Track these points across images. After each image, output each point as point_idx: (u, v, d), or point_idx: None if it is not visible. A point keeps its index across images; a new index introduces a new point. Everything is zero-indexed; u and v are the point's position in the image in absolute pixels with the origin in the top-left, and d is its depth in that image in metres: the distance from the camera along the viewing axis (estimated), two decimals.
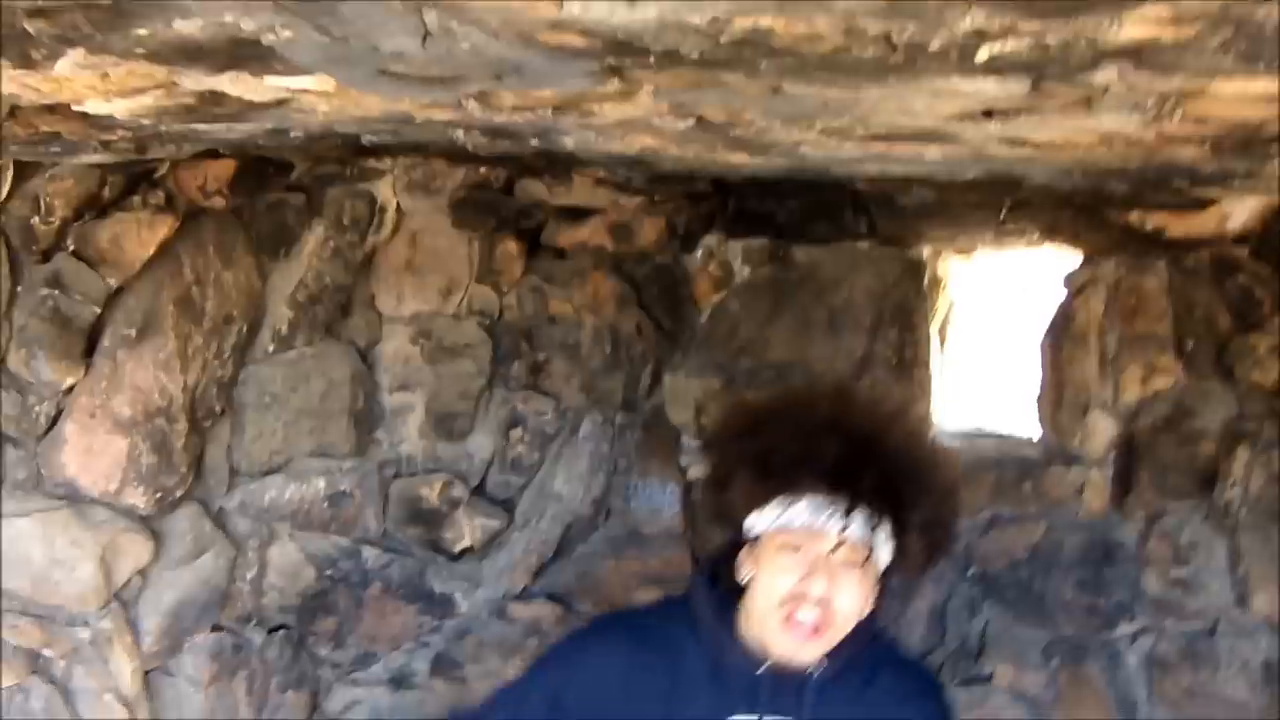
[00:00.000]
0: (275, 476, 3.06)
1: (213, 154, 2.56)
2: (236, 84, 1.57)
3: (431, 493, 3.16)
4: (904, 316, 3.12)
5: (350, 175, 2.90)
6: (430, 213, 3.03)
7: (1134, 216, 2.82)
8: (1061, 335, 3.12)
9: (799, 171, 2.45)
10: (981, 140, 1.83)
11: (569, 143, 2.13)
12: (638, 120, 1.81)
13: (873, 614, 1.87)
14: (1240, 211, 2.75)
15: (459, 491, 3.17)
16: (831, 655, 1.85)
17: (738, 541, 1.90)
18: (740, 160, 2.26)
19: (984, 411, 3.32)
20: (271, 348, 2.97)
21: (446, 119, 1.90)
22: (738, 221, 3.05)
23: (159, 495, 2.87)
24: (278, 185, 2.82)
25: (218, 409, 2.94)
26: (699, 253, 3.20)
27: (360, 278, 3.05)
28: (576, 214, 3.10)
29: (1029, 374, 3.19)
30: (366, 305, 3.09)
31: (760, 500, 1.82)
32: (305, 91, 1.66)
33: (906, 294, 3.13)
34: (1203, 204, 2.68)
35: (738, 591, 1.88)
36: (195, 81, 1.57)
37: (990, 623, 3.12)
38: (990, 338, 3.34)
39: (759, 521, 1.84)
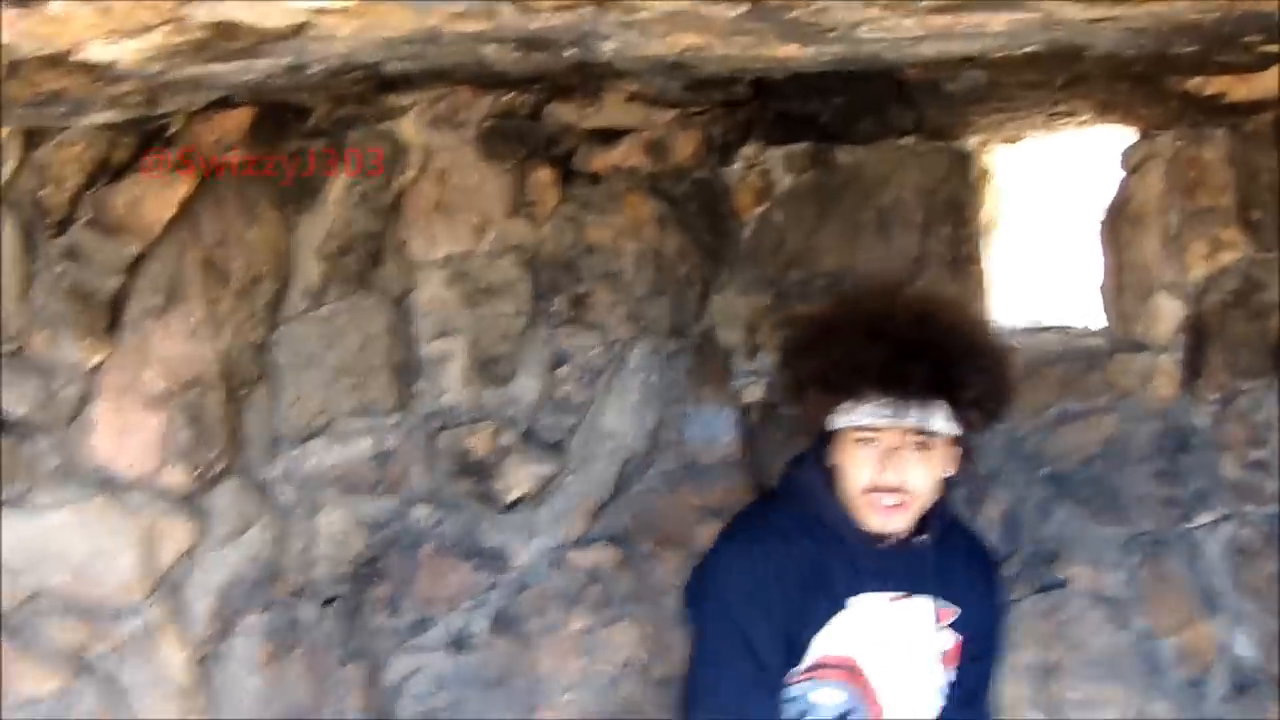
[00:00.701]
0: (318, 440, 2.90)
1: (228, 104, 2.37)
2: (251, 9, 1.41)
3: (479, 443, 3.02)
4: (955, 212, 3.02)
5: (371, 116, 2.71)
6: (457, 148, 2.85)
7: (1194, 83, 2.69)
8: (1119, 217, 3.03)
9: (849, 62, 2.32)
10: (1055, 3, 1.73)
11: (608, 48, 2.01)
12: (685, 12, 1.73)
13: (952, 477, 2.26)
14: None
15: (508, 439, 3.04)
16: (927, 524, 2.26)
17: (824, 434, 2.26)
18: (789, 53, 2.15)
19: (1044, 305, 3.23)
20: (303, 305, 2.80)
21: (478, 29, 1.77)
22: (778, 126, 2.91)
23: (199, 471, 2.72)
24: (297, 133, 2.62)
25: (254, 374, 2.77)
26: (737, 164, 3.06)
27: (390, 223, 2.88)
28: (608, 136, 2.94)
29: (1088, 262, 3.10)
30: (398, 251, 2.92)
31: (830, 406, 2.19)
32: (324, 12, 1.53)
33: (956, 188, 3.03)
34: (1267, 62, 2.57)
35: (830, 474, 2.26)
36: (207, 11, 1.44)
37: (1065, 524, 3.05)
38: (1045, 228, 3.25)
39: (833, 421, 2.21)
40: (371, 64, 2.08)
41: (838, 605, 2.23)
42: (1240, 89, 2.74)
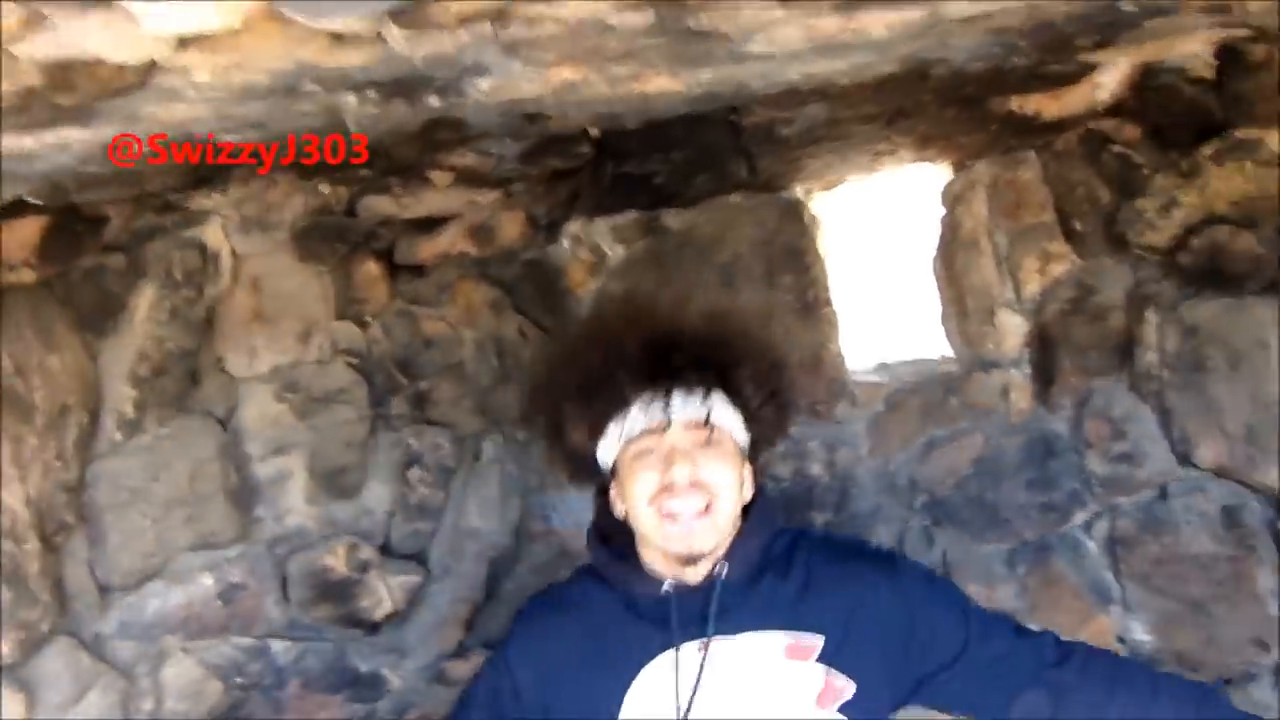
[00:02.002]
0: (154, 584, 2.68)
1: (16, 211, 2.20)
2: (103, 37, 1.28)
3: (337, 561, 2.82)
4: (795, 259, 3.00)
5: (173, 224, 2.57)
6: (271, 252, 2.72)
7: (1015, 103, 2.77)
8: (951, 246, 3.06)
9: (713, 97, 2.30)
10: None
11: (482, 87, 1.89)
12: (591, 23, 1.64)
13: (755, 501, 1.90)
14: (1110, 79, 2.74)
15: (367, 553, 2.85)
16: (731, 556, 1.85)
17: (605, 488, 1.94)
18: (660, 86, 2.11)
19: (893, 340, 3.23)
20: (119, 436, 2.60)
21: (359, 62, 1.65)
22: (608, 194, 2.85)
23: (21, 637, 2.46)
24: (92, 247, 2.46)
25: (69, 519, 2.54)
26: (565, 242, 2.99)
27: (205, 338, 2.71)
28: (430, 225, 2.84)
29: (926, 294, 3.12)
30: (215, 369, 2.75)
31: (598, 429, 1.87)
32: (191, 44, 1.39)
33: (791, 237, 3.00)
34: (1082, 74, 2.68)
35: (628, 533, 1.90)
36: (47, 44, 1.28)
37: (950, 548, 3.01)
38: (880, 266, 3.27)
39: (606, 450, 1.88)
40: (203, 138, 1.92)
41: (631, 674, 1.84)
42: (1053, 107, 2.83)
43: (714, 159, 2.80)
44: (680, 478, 1.79)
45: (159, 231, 2.56)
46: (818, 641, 1.84)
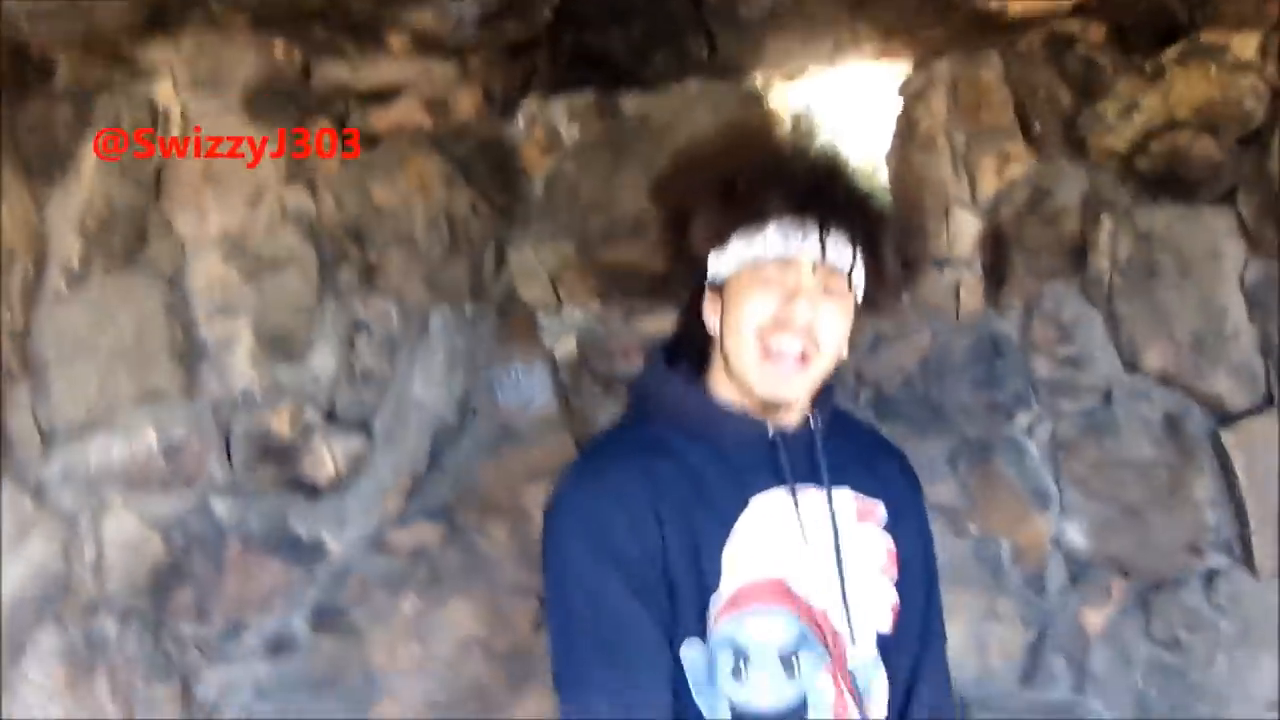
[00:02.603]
0: (97, 435, 2.76)
1: None
2: None
3: (281, 423, 2.90)
4: None
5: (122, 79, 2.62)
6: (221, 113, 2.77)
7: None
8: (908, 144, 3.08)
9: None
10: None
11: None
12: None
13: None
14: None
15: (311, 416, 2.93)
16: (817, 406, 1.77)
17: (689, 309, 1.81)
18: None
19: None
20: (64, 287, 2.68)
21: None
22: (567, 69, 2.88)
23: None
24: (40, 94, 2.51)
25: (14, 366, 2.63)
26: (521, 120, 3.01)
27: (152, 198, 2.77)
28: (385, 96, 2.89)
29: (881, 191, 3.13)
30: (163, 229, 2.81)
31: (725, 233, 1.73)
32: None
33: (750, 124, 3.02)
34: None
35: (703, 359, 1.79)
36: None
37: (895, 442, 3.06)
38: None
39: (724, 261, 1.74)
40: None
41: (732, 514, 1.69)
42: (1016, 5, 2.83)
43: (673, 34, 2.84)
44: (800, 317, 1.67)
45: (108, 85, 2.61)
46: (881, 508, 1.80)
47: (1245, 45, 2.80)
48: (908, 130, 3.09)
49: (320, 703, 3.03)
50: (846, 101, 3.19)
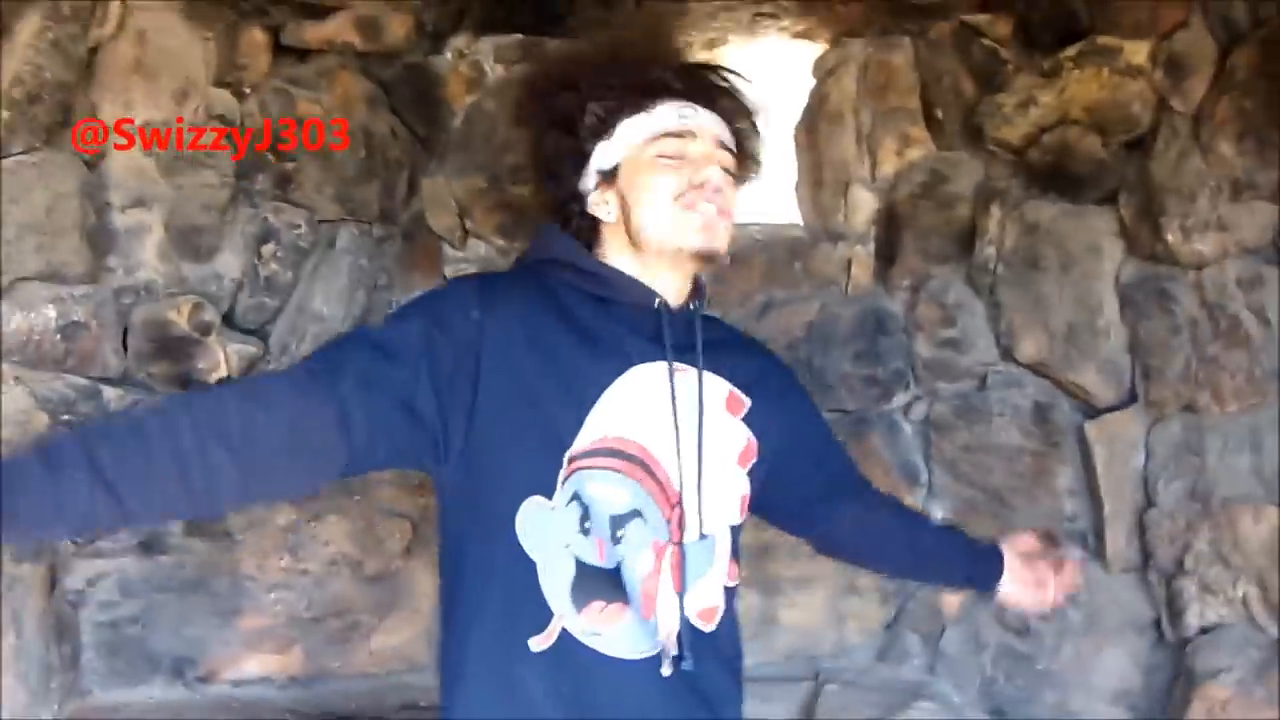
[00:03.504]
0: None
1: None
2: None
3: (180, 317, 3.05)
4: None
5: None
6: (159, 9, 2.97)
7: None
8: (817, 118, 3.33)
9: None
10: None
11: None
12: None
13: None
14: None
15: (210, 315, 3.08)
16: (694, 296, 1.81)
17: (579, 194, 1.81)
18: None
19: (744, 206, 3.45)
20: None
21: None
22: (499, 5, 3.09)
23: None
24: None
25: None
26: (448, 54, 3.23)
27: (81, 80, 2.94)
28: (320, 11, 3.09)
29: (785, 162, 3.37)
30: (89, 114, 2.97)
31: (614, 114, 1.77)
32: None
33: None
34: None
35: (591, 237, 1.81)
36: None
37: None
38: None
39: (615, 146, 1.78)
40: None
41: (609, 376, 1.72)
42: None
43: None
44: (715, 177, 1.73)
45: None
46: (748, 402, 1.85)
47: (1137, 51, 3.03)
48: (818, 105, 3.32)
49: (186, 604, 3.16)
50: (763, 73, 3.41)
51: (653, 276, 1.77)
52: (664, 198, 1.75)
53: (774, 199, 3.41)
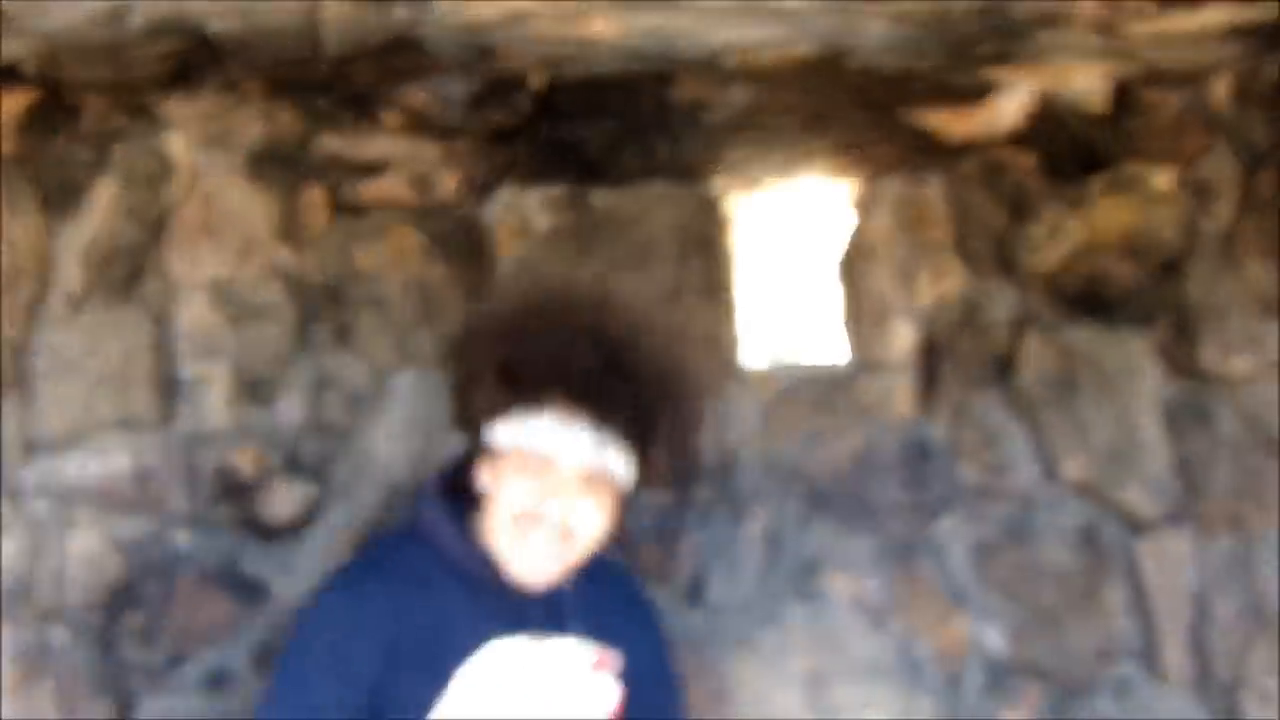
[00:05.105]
0: (75, 451, 3.22)
1: (8, 79, 2.85)
2: None
3: (245, 461, 3.35)
4: (706, 247, 3.55)
5: (141, 131, 3.21)
6: (225, 171, 3.33)
7: (920, 117, 3.33)
8: (854, 255, 3.61)
9: (642, 56, 2.94)
10: None
11: (442, 6, 2.54)
12: None
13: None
14: (1011, 107, 3.27)
15: (273, 459, 3.37)
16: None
17: (473, 451, 2.08)
18: (598, 30, 2.74)
19: (790, 344, 3.73)
20: (64, 310, 3.20)
21: None
22: (541, 160, 3.43)
23: None
24: (67, 133, 3.11)
25: (11, 375, 3.13)
26: (497, 205, 3.56)
27: (154, 239, 3.30)
28: (375, 169, 3.43)
29: (828, 298, 3.65)
30: (160, 269, 3.32)
31: (502, 408, 2.01)
32: None
33: (705, 226, 3.56)
34: (982, 93, 3.23)
35: (472, 503, 2.06)
36: None
37: (823, 536, 3.47)
38: (785, 272, 3.78)
39: (499, 434, 2.01)
40: (193, 24, 2.55)
41: (467, 655, 1.96)
42: (957, 126, 3.38)
43: (642, 133, 3.38)
44: (552, 515, 1.95)
45: (127, 134, 3.18)
46: (618, 657, 2.03)
47: (1163, 177, 3.31)
48: (855, 242, 3.61)
49: None
50: (799, 219, 3.73)
51: None
52: (504, 511, 1.99)
53: (821, 337, 3.69)
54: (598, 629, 2.04)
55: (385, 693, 1.94)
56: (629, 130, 3.39)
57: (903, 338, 3.55)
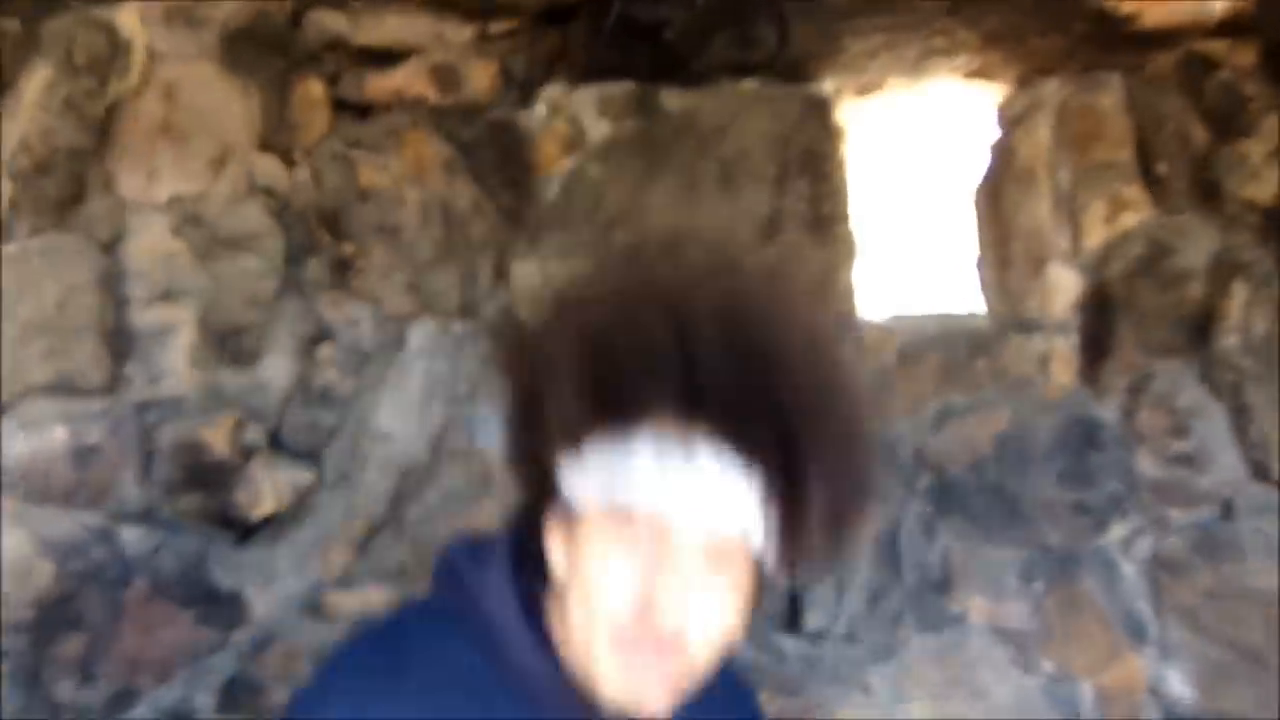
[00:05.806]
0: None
1: None
2: None
3: (217, 438, 2.79)
4: (815, 164, 2.99)
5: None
6: (193, 57, 2.80)
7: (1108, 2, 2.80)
8: (1002, 179, 3.06)
9: None
10: None
11: None
12: None
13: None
14: None
15: (254, 434, 2.83)
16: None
17: (538, 505, 1.43)
18: None
19: (914, 288, 3.21)
20: None
21: None
22: (606, 49, 2.90)
23: None
24: None
25: None
26: (541, 106, 3.00)
27: (98, 146, 2.74)
28: (387, 58, 2.90)
29: (963, 235, 3.11)
30: (104, 188, 2.77)
31: (579, 433, 1.35)
32: None
33: (814, 137, 3.00)
34: None
35: (536, 575, 1.45)
36: None
37: (954, 544, 2.94)
38: (911, 198, 3.23)
39: (580, 481, 1.37)
40: None
41: None
42: (1156, 12, 2.84)
43: (741, 15, 2.85)
44: (670, 622, 1.35)
45: (64, 5, 2.62)
46: None
47: None
48: (1003, 163, 3.07)
49: None
50: (929, 130, 3.17)
51: None
52: (602, 622, 1.36)
53: (951, 282, 3.16)
54: None
55: None
56: (724, 10, 2.86)
57: (1064, 288, 3.01)
